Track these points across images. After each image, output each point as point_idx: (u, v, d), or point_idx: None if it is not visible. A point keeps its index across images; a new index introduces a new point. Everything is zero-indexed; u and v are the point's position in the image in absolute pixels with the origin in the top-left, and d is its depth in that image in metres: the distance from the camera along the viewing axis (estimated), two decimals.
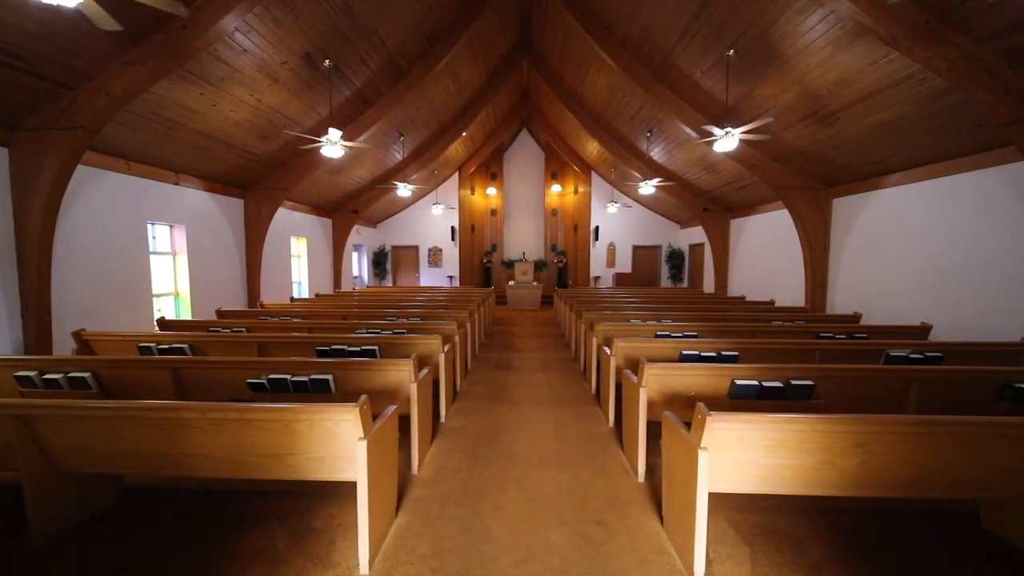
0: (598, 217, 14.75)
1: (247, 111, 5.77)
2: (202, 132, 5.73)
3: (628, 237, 14.73)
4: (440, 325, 4.99)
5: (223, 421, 2.12)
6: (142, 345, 4.14)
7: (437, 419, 4.03)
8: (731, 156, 7.24)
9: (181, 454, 2.19)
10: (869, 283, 6.47)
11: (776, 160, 7.16)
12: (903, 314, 5.76)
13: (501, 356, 6.73)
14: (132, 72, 4.17)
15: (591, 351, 5.05)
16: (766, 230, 9.19)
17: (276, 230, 8.69)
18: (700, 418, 1.96)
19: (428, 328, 4.95)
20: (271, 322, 5.34)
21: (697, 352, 3.75)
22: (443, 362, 4.05)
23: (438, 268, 15.09)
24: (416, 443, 3.04)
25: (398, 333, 4.72)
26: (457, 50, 7.51)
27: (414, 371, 3.03)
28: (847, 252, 6.95)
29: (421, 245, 15.06)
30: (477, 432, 3.77)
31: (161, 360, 3.15)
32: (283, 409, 2.08)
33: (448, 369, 4.31)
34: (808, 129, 5.95)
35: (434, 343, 4.08)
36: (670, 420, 2.31)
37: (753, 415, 1.94)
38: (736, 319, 5.77)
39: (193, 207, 6.73)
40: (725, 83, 5.90)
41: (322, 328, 5.19)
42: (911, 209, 5.70)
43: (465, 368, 5.69)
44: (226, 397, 3.15)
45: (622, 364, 3.90)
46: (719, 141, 5.63)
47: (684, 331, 4.79)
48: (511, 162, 15.38)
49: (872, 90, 4.75)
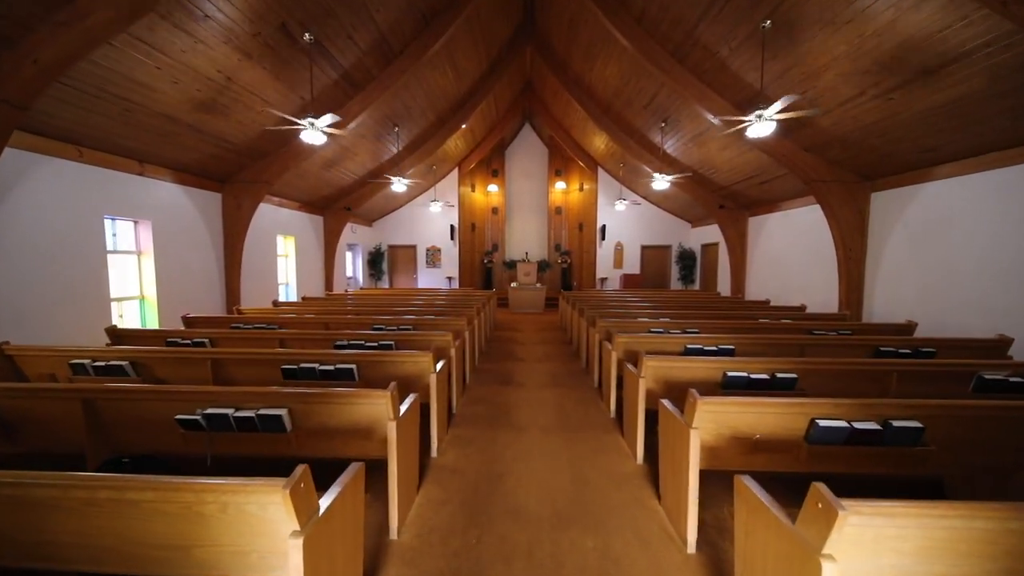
0: (605, 215, 14.03)
1: (215, 91, 5.08)
2: (165, 115, 5.04)
3: (636, 237, 14.00)
4: (434, 336, 4.30)
5: (95, 502, 1.42)
6: (74, 363, 3.45)
7: (426, 454, 3.34)
8: (758, 146, 6.55)
9: (40, 543, 1.50)
10: (914, 288, 5.77)
11: (807, 150, 6.46)
12: (959, 324, 5.06)
13: (503, 368, 6.03)
14: (64, 34, 3.48)
15: (609, 366, 4.36)
16: (790, 229, 8.48)
17: (260, 228, 8.01)
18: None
19: (419, 340, 4.25)
20: (240, 332, 4.65)
21: (746, 375, 3.06)
22: (435, 385, 3.36)
23: (436, 269, 14.38)
24: (396, 499, 2.34)
25: (384, 347, 4.03)
26: (455, 30, 6.82)
27: (393, 406, 2.34)
28: (888, 253, 6.25)
29: (419, 244, 14.36)
30: (474, 472, 3.07)
31: (67, 389, 2.45)
32: (181, 486, 1.39)
33: (441, 391, 3.61)
34: (851, 113, 5.24)
35: (424, 361, 3.38)
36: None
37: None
38: (775, 330, 5.06)
39: (161, 201, 6.04)
40: (755, 62, 5.20)
41: (298, 339, 4.50)
42: (973, 203, 4.98)
43: (463, 384, 5.00)
44: (153, 438, 2.46)
45: (655, 388, 3.21)
46: (752, 127, 4.96)
47: (717, 343, 4.09)
48: (513, 158, 14.61)
49: (938, 63, 4.05)
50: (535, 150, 14.54)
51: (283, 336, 4.50)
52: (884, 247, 6.31)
